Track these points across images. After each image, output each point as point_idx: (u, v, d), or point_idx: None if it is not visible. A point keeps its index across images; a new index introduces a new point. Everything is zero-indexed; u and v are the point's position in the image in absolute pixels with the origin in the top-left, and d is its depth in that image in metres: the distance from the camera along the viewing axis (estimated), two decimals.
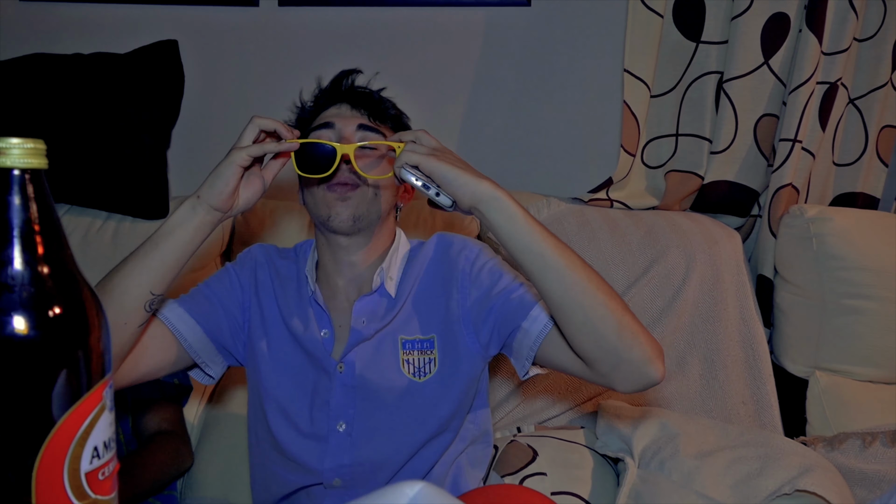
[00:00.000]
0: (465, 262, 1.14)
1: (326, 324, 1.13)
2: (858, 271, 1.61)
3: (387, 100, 1.20)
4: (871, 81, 1.79)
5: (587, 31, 1.88)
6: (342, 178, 1.08)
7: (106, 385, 0.46)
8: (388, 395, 1.10)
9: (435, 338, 1.13)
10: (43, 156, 0.44)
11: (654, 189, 1.87)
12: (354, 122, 1.12)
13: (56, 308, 0.44)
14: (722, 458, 1.21)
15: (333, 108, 1.17)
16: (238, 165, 0.97)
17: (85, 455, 0.44)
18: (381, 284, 1.13)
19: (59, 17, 1.93)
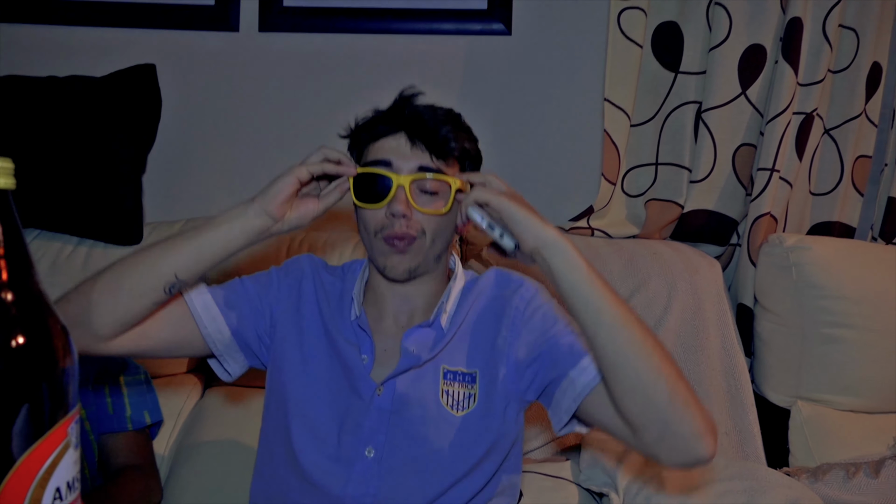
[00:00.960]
0: (520, 301, 1.10)
1: (368, 349, 1.09)
2: (838, 300, 1.62)
3: (450, 133, 1.07)
4: (846, 112, 1.82)
5: (568, 61, 1.89)
6: (399, 230, 1.03)
7: (72, 420, 0.43)
8: (423, 425, 1.06)
9: (478, 373, 1.09)
10: (10, 175, 0.42)
11: (635, 217, 1.87)
12: (413, 163, 1.04)
13: (20, 337, 0.41)
14: (708, 492, 1.19)
15: (391, 139, 1.07)
16: (296, 177, 0.99)
17: (46, 497, 0.41)
18: (437, 319, 1.09)
19: (35, 39, 1.90)
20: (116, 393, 1.43)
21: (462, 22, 1.89)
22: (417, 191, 1.04)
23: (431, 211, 1.04)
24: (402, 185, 1.01)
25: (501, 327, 1.09)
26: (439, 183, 1.04)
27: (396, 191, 1.02)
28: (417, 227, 1.04)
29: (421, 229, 1.04)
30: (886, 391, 1.61)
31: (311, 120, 1.90)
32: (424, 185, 1.04)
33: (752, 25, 1.74)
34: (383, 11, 1.88)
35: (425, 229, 1.05)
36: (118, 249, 1.70)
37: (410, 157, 1.04)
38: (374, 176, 1.02)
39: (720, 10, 1.73)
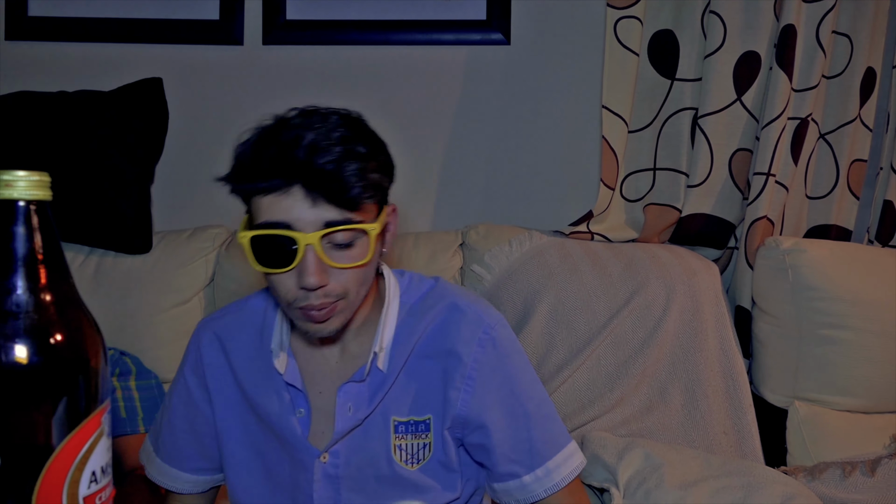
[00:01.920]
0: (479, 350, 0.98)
1: (302, 402, 0.98)
2: (833, 301, 1.65)
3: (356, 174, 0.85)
4: (841, 117, 1.85)
5: (566, 69, 1.93)
6: (316, 302, 0.87)
7: (105, 411, 0.46)
8: (379, 484, 0.98)
9: (431, 419, 0.98)
10: (48, 188, 0.46)
11: (634, 222, 1.90)
12: (318, 220, 0.85)
13: (58, 335, 0.45)
14: (706, 488, 1.22)
15: (284, 197, 0.85)
16: None
17: (83, 480, 0.45)
18: (373, 365, 0.97)
19: (45, 56, 1.95)
20: (128, 397, 1.47)
21: (462, 32, 1.93)
22: (329, 245, 0.87)
23: (351, 265, 0.88)
24: (309, 244, 0.84)
25: (455, 375, 0.97)
26: (352, 234, 0.87)
27: (305, 252, 0.84)
28: (337, 290, 0.88)
29: (342, 291, 0.89)
30: (882, 391, 1.64)
31: None
32: (335, 238, 0.87)
33: (746, 33, 1.78)
34: (384, 23, 1.92)
35: (347, 289, 0.89)
36: (128, 259, 1.74)
37: (313, 217, 0.85)
38: (272, 237, 0.85)
39: (715, 18, 1.76)
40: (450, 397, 0.97)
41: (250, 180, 0.87)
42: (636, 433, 1.56)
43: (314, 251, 0.85)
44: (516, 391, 0.99)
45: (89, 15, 1.93)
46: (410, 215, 1.97)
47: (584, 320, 1.65)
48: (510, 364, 0.99)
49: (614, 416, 1.59)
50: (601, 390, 1.60)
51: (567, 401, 1.59)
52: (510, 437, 0.98)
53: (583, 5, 1.91)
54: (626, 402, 1.60)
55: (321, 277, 0.86)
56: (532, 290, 1.68)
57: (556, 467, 0.98)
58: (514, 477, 0.99)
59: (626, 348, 1.64)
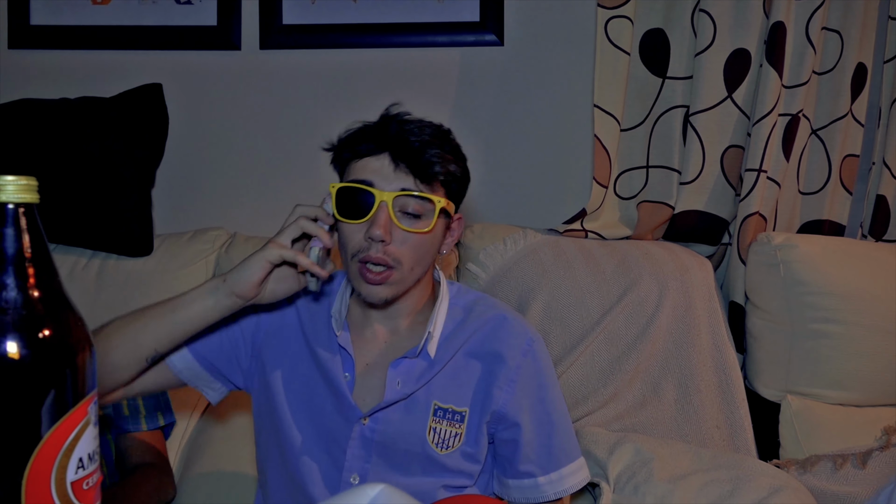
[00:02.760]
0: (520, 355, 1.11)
1: (349, 366, 1.09)
2: (825, 296, 1.66)
3: (436, 157, 1.03)
4: (832, 112, 1.87)
5: (558, 69, 1.95)
6: (375, 255, 1.00)
7: (91, 401, 0.49)
8: (407, 459, 1.07)
9: (467, 412, 1.09)
10: (35, 191, 0.49)
11: (627, 219, 1.93)
12: (396, 185, 1.01)
13: (45, 330, 0.48)
14: (695, 481, 1.25)
15: (374, 159, 1.03)
16: (268, 261, 0.97)
17: (71, 466, 0.47)
18: (424, 348, 1.08)
19: (47, 63, 1.98)
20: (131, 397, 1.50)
21: (456, 34, 1.96)
22: (400, 212, 1.01)
23: (414, 230, 1.01)
24: (384, 201, 0.99)
25: (499, 376, 1.09)
26: (422, 205, 1.01)
27: (379, 207, 0.99)
28: (395, 254, 1.01)
29: (397, 259, 1.01)
30: (873, 385, 1.65)
31: (313, 132, 1.96)
32: (407, 206, 1.01)
33: (736, 30, 1.80)
34: (379, 26, 1.95)
35: (402, 259, 1.02)
36: (130, 262, 1.77)
37: (393, 180, 1.01)
38: (356, 190, 1.00)
39: (705, 16, 1.78)
40: (492, 394, 1.09)
41: (351, 145, 1.05)
42: (630, 428, 1.58)
43: (387, 209, 0.99)
44: (546, 400, 1.12)
45: (90, 23, 1.97)
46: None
47: (577, 317, 1.67)
48: (545, 376, 1.13)
49: (608, 411, 1.61)
50: (595, 386, 1.62)
51: None
52: (535, 440, 1.11)
53: (574, 6, 1.93)
54: (620, 397, 1.62)
55: (386, 232, 0.99)
56: (526, 287, 1.71)
57: (569, 475, 1.11)
58: (531, 476, 1.11)
59: (620, 344, 1.66)
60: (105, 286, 1.73)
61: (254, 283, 0.97)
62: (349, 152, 1.06)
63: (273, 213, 1.99)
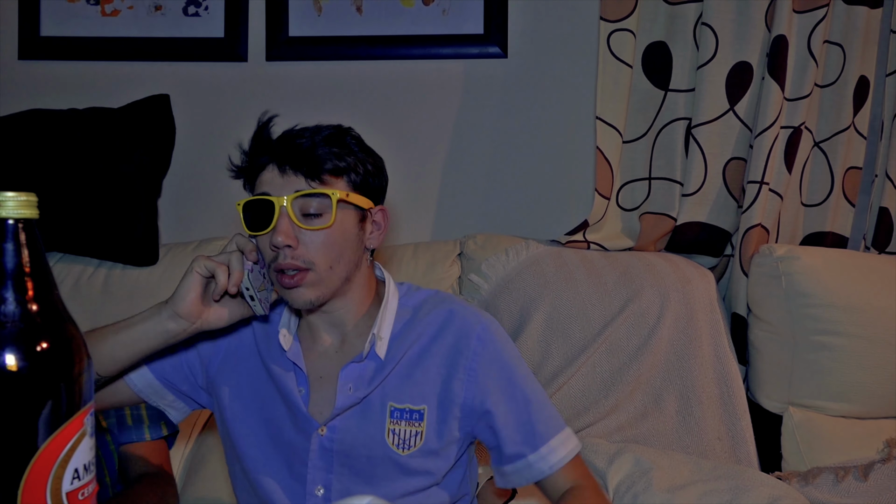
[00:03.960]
0: (478, 344, 1.08)
1: (303, 381, 1.08)
2: (826, 308, 1.66)
3: (322, 150, 1.03)
4: (835, 125, 1.87)
5: (561, 81, 1.97)
6: (284, 262, 0.99)
7: (87, 412, 0.51)
8: (369, 464, 1.06)
9: (426, 410, 1.07)
10: (34, 207, 0.50)
11: (630, 231, 1.93)
12: (288, 190, 1.01)
13: (43, 343, 0.49)
14: (694, 491, 1.25)
15: (266, 171, 1.04)
16: (197, 273, 0.96)
17: (66, 476, 0.48)
18: (372, 349, 1.06)
19: (57, 74, 2.01)
20: (135, 406, 1.51)
21: (460, 46, 1.97)
22: (302, 215, 1.00)
23: (315, 227, 1.00)
24: (282, 205, 0.99)
25: (458, 368, 1.07)
26: (320, 202, 1.00)
27: (280, 214, 0.99)
28: (304, 256, 1.00)
29: (309, 260, 1.00)
30: (875, 397, 1.65)
31: None
32: (308, 207, 1.00)
33: (738, 44, 1.81)
34: (384, 38, 1.97)
35: (314, 259, 1.00)
36: (135, 271, 1.79)
37: (284, 185, 1.01)
38: (255, 203, 1.02)
39: (707, 29, 1.79)
40: (453, 388, 1.07)
41: (242, 169, 1.08)
42: (631, 439, 1.59)
43: (286, 214, 0.99)
44: (513, 378, 1.09)
45: (99, 34, 2.00)
46: (410, 225, 2.01)
47: (579, 328, 1.68)
48: (506, 355, 1.10)
49: (609, 422, 1.61)
50: (596, 397, 1.63)
51: (562, 407, 1.62)
52: (513, 420, 1.07)
53: (577, 19, 1.95)
54: (621, 408, 1.62)
55: (289, 237, 0.99)
56: (528, 298, 1.72)
57: (558, 446, 1.07)
58: (521, 457, 1.07)
59: (621, 355, 1.66)
60: (111, 295, 1.75)
61: (192, 299, 0.96)
62: (244, 171, 1.08)
63: None
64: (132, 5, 1.99)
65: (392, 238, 1.97)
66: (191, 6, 1.98)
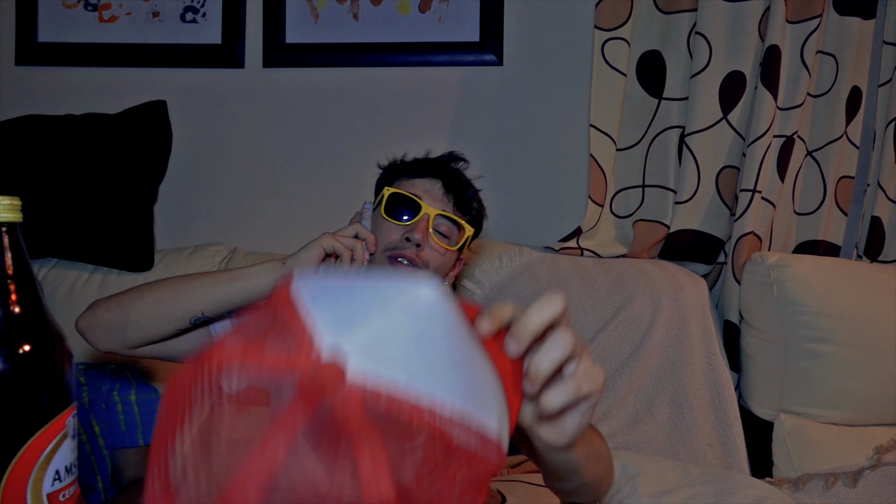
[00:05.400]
0: None
1: None
2: (817, 316, 1.67)
3: (474, 197, 1.26)
4: (827, 134, 1.88)
5: (556, 89, 1.98)
6: (409, 254, 1.16)
7: (69, 414, 0.51)
8: None
9: None
10: (18, 211, 0.51)
11: (623, 238, 1.94)
12: (439, 206, 1.20)
13: (26, 346, 0.50)
14: (679, 496, 1.25)
15: (427, 181, 1.23)
16: (322, 247, 1.11)
17: (47, 478, 0.49)
18: None
19: (54, 80, 2.02)
20: (129, 411, 1.52)
21: (456, 54, 1.99)
22: (434, 230, 1.19)
23: (443, 244, 1.19)
24: (428, 213, 1.17)
25: None
26: (453, 229, 1.21)
27: (421, 217, 1.16)
28: (424, 258, 1.17)
29: (426, 262, 1.18)
30: (866, 404, 1.66)
31: (315, 150, 1.99)
32: (441, 226, 1.20)
33: (731, 53, 1.82)
34: (380, 46, 1.98)
35: (430, 263, 1.18)
36: (131, 276, 1.80)
37: (439, 201, 1.21)
38: (406, 198, 1.18)
39: (700, 38, 1.81)
40: None
41: (410, 166, 1.25)
42: (622, 446, 1.59)
43: (427, 220, 1.17)
44: None
45: (96, 40, 2.01)
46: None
47: None
48: None
49: (601, 428, 1.61)
50: None
51: None
52: None
53: (572, 27, 1.96)
54: (613, 415, 1.63)
55: (424, 239, 1.16)
56: (522, 304, 1.72)
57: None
58: None
59: (613, 362, 1.67)
60: None
61: (310, 266, 1.10)
62: (407, 171, 1.25)
63: (274, 230, 2.02)
64: (130, 11, 2.00)
65: None
66: (188, 13, 2.00)
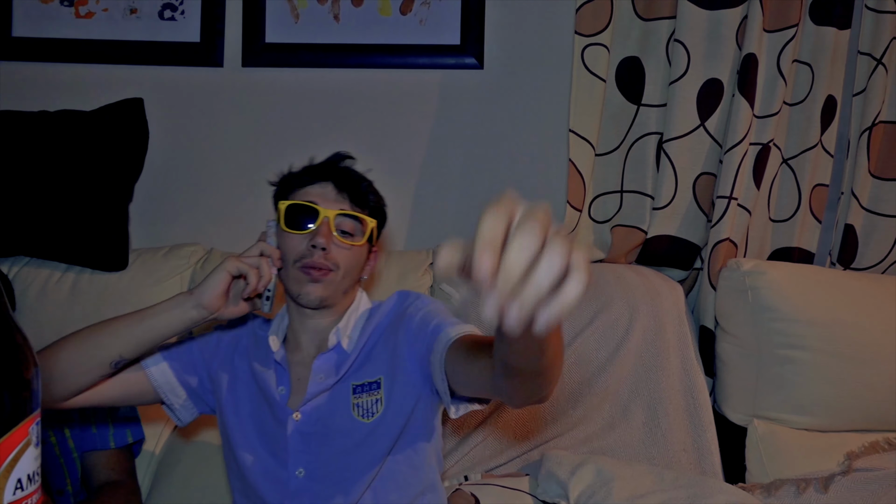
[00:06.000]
0: (414, 309, 1.23)
1: (284, 381, 1.22)
2: (791, 322, 1.69)
3: (370, 190, 1.27)
4: (803, 143, 1.90)
5: (535, 94, 1.98)
6: (318, 261, 1.17)
7: (33, 421, 0.50)
8: (341, 439, 1.17)
9: (382, 379, 1.20)
10: None
11: (601, 243, 1.95)
12: (336, 207, 1.21)
13: None
14: (653, 500, 1.26)
15: (318, 186, 1.23)
16: (227, 272, 1.11)
17: (9, 487, 0.48)
18: (338, 343, 1.22)
19: (28, 75, 1.99)
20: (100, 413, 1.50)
21: (436, 56, 1.98)
22: (337, 230, 1.20)
23: (349, 242, 1.20)
24: (327, 216, 1.18)
25: (399, 334, 1.21)
26: (355, 225, 1.22)
27: (322, 222, 1.18)
28: (334, 260, 1.19)
29: (336, 263, 1.20)
30: (837, 411, 1.68)
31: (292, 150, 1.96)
32: (343, 225, 1.21)
33: (709, 61, 1.83)
34: (361, 47, 1.97)
35: (339, 264, 1.20)
36: (104, 276, 1.77)
37: (334, 203, 1.21)
38: (303, 207, 1.19)
39: (679, 46, 1.82)
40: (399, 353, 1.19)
41: (299, 176, 1.25)
42: (598, 450, 1.59)
43: (328, 223, 1.19)
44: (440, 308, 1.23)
45: (72, 36, 1.98)
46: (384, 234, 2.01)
47: None
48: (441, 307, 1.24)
49: (577, 433, 1.62)
50: (564, 407, 1.64)
51: (530, 418, 1.62)
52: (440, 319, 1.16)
53: (552, 32, 1.97)
54: (589, 419, 1.64)
55: (328, 242, 1.18)
56: None
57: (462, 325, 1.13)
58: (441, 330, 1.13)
59: (590, 366, 1.68)
60: (79, 301, 1.73)
61: (217, 293, 1.10)
62: (297, 180, 1.25)
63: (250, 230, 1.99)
64: (107, 8, 1.98)
65: None
66: (167, 10, 1.98)
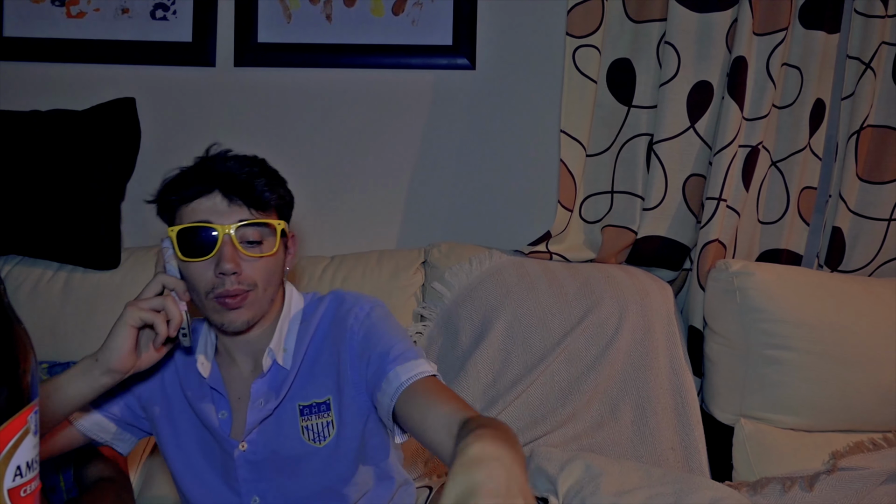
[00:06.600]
0: (355, 321, 1.11)
1: (223, 405, 1.12)
2: (779, 323, 1.70)
3: (265, 185, 1.07)
4: (791, 145, 1.92)
5: (527, 94, 2.00)
6: (231, 288, 1.03)
7: (31, 410, 0.51)
8: (293, 465, 1.10)
9: (331, 399, 1.11)
10: None
11: (592, 243, 1.97)
12: (234, 219, 1.04)
13: None
14: (640, 495, 1.28)
15: (205, 199, 1.05)
16: (130, 326, 0.98)
17: (8, 473, 0.49)
18: (273, 362, 1.11)
19: (19, 75, 1.99)
20: None
21: (429, 57, 1.99)
22: (242, 242, 1.04)
23: (260, 254, 1.05)
24: (227, 233, 1.01)
25: (341, 349, 1.10)
26: (261, 230, 1.06)
27: (223, 241, 1.01)
28: (249, 280, 1.04)
29: (252, 282, 1.05)
30: (823, 411, 1.70)
31: (284, 151, 1.99)
32: (248, 235, 1.04)
33: (699, 63, 1.85)
34: (353, 47, 1.98)
35: (256, 281, 1.05)
36: (97, 274, 1.77)
37: (229, 214, 1.04)
38: (197, 230, 1.02)
39: (670, 48, 1.83)
40: (345, 371, 1.09)
41: (177, 191, 1.06)
42: (587, 448, 1.61)
43: (231, 241, 1.02)
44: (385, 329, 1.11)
45: (64, 36, 1.98)
46: (375, 233, 2.02)
47: (539, 337, 1.70)
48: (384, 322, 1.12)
49: (566, 431, 1.63)
50: (554, 405, 1.65)
51: (520, 415, 1.64)
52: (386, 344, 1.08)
53: (544, 34, 1.98)
54: (578, 417, 1.65)
55: (236, 264, 1.02)
56: (490, 307, 1.73)
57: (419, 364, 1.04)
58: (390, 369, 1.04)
59: (579, 365, 1.69)
60: (71, 299, 1.73)
61: (125, 353, 0.98)
62: (177, 197, 1.07)
63: None
64: (98, 7, 1.98)
65: (357, 245, 1.98)
66: (158, 10, 1.98)
